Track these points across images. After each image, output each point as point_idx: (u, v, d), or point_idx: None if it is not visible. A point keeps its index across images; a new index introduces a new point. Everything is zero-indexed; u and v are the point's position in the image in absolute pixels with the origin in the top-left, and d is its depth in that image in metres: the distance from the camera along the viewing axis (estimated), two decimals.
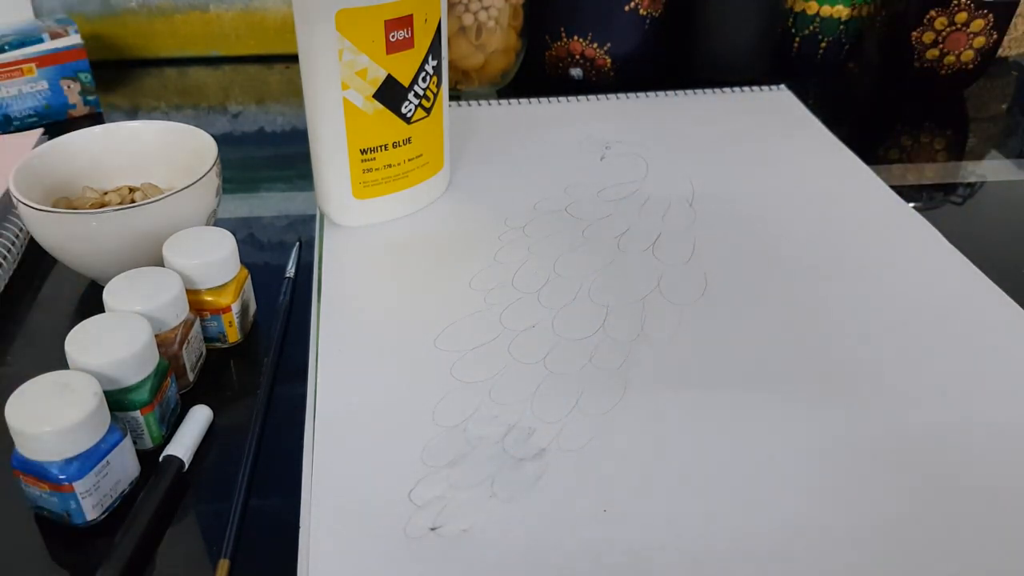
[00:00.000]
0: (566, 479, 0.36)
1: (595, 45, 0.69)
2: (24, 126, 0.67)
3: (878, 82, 0.76)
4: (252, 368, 0.44)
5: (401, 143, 0.51)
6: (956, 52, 0.69)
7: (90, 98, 0.69)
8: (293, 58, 0.49)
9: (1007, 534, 0.34)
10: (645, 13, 0.69)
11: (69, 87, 0.68)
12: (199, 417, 0.39)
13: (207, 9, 0.77)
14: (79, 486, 0.33)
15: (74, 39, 0.67)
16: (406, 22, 0.47)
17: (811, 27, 0.75)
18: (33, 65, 0.66)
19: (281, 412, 0.40)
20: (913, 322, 0.45)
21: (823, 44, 0.75)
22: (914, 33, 0.68)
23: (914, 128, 0.69)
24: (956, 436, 0.38)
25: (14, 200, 0.44)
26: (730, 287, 0.48)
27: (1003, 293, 0.47)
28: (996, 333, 0.44)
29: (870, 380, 0.41)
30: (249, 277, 0.45)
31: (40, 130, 0.63)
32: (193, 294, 0.42)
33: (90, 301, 0.48)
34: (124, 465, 0.35)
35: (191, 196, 0.45)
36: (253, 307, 0.46)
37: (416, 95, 0.50)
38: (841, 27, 0.74)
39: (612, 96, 0.70)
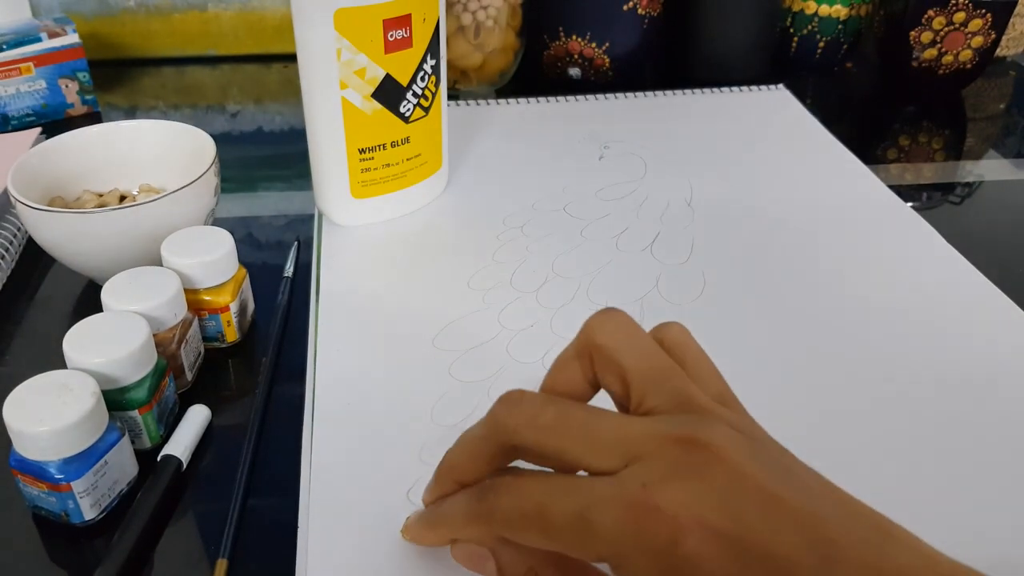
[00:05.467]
0: None
1: (593, 45, 0.69)
2: (22, 125, 0.67)
3: (876, 82, 0.76)
4: (250, 368, 0.43)
5: (399, 142, 0.51)
6: (954, 52, 0.69)
7: (88, 97, 0.69)
8: (291, 57, 0.49)
9: (1009, 527, 0.34)
10: (644, 13, 0.69)
11: (67, 86, 0.68)
12: (197, 417, 0.39)
13: (205, 8, 0.77)
14: (77, 486, 0.33)
15: (72, 38, 0.67)
16: (404, 21, 0.47)
17: (809, 26, 0.75)
18: (31, 64, 0.66)
19: (279, 412, 0.40)
20: (911, 321, 0.45)
21: (821, 43, 0.75)
22: (912, 32, 0.68)
23: (912, 128, 0.69)
24: (954, 434, 0.38)
25: (12, 199, 0.44)
26: (728, 287, 0.48)
27: (1001, 292, 0.47)
28: (994, 332, 0.44)
29: (869, 379, 0.41)
30: (247, 277, 0.45)
31: (38, 129, 0.63)
32: (191, 293, 0.42)
33: (88, 300, 0.48)
34: (122, 465, 0.35)
35: (189, 195, 0.45)
36: (251, 307, 0.46)
37: (414, 94, 0.50)
38: (839, 26, 0.74)
39: (610, 96, 0.70)
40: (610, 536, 0.23)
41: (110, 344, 0.36)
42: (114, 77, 0.76)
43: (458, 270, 0.49)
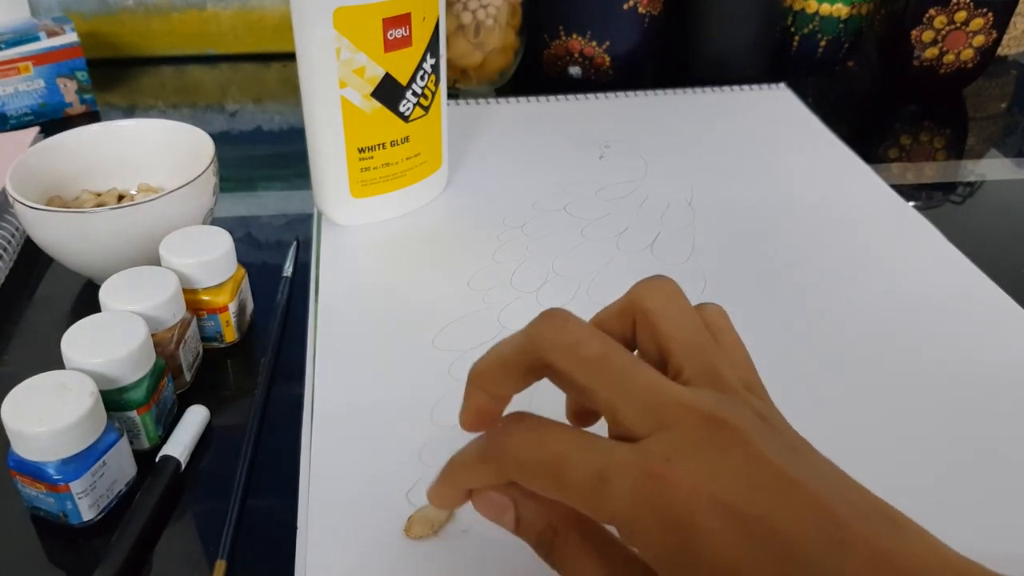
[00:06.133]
0: None
1: (594, 43, 0.69)
2: (20, 124, 0.67)
3: (877, 81, 0.76)
4: (249, 368, 0.43)
5: (399, 142, 0.51)
6: (955, 51, 0.69)
7: (87, 96, 0.69)
8: (291, 56, 0.49)
9: (1015, 526, 0.33)
10: (644, 11, 0.68)
11: (66, 85, 0.68)
12: (196, 417, 0.39)
13: (204, 7, 0.76)
14: (75, 486, 0.33)
15: (71, 37, 0.67)
16: (404, 20, 0.47)
17: (811, 25, 0.74)
18: (29, 63, 0.66)
19: (278, 412, 0.40)
20: (912, 321, 0.45)
21: (823, 42, 0.75)
22: (913, 32, 0.68)
23: (913, 127, 0.69)
24: (955, 433, 0.38)
25: (10, 199, 0.44)
26: (729, 286, 0.47)
27: (1002, 292, 0.47)
28: (995, 331, 0.44)
29: (869, 378, 0.41)
30: (246, 276, 0.45)
31: (36, 128, 0.63)
32: (190, 293, 0.42)
33: (86, 300, 0.47)
34: (121, 465, 0.35)
35: (188, 195, 0.45)
36: (250, 306, 0.46)
37: (414, 93, 0.50)
38: (841, 25, 0.74)
39: (611, 95, 0.70)
40: (625, 501, 0.23)
41: (108, 344, 0.36)
42: (113, 76, 0.76)
43: (458, 270, 0.49)
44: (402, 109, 0.50)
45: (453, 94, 0.70)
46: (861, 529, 0.22)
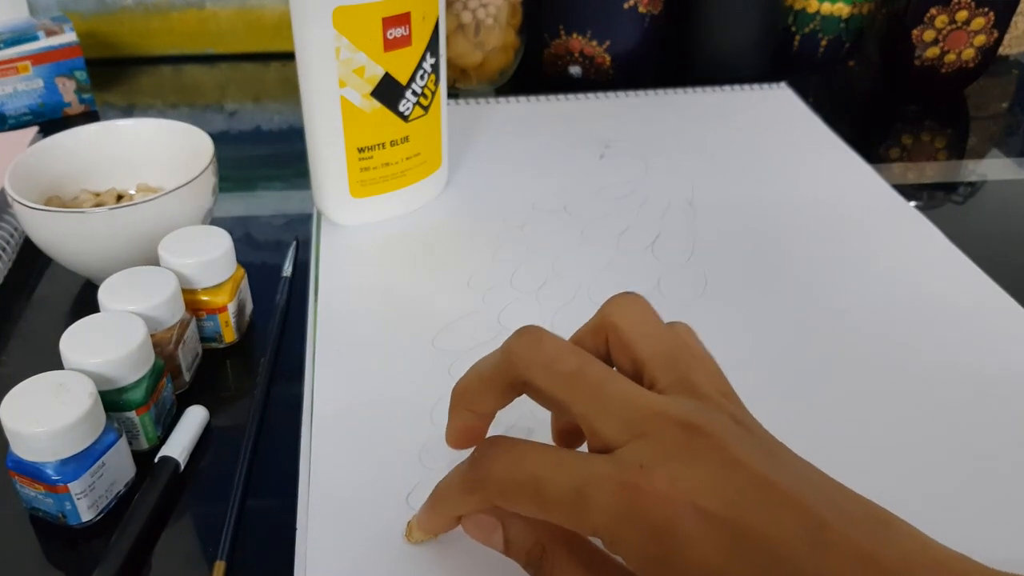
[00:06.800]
0: None
1: (594, 43, 0.69)
2: (19, 124, 0.67)
3: (879, 80, 0.76)
4: (248, 368, 0.43)
5: (399, 141, 0.50)
6: (957, 50, 0.68)
7: (85, 96, 0.69)
8: (290, 56, 0.49)
9: (1014, 527, 0.33)
10: (645, 11, 0.68)
11: (64, 85, 0.68)
12: (195, 418, 0.39)
13: (203, 7, 0.76)
14: (74, 487, 0.33)
15: (69, 37, 0.67)
16: (404, 20, 0.47)
17: (812, 25, 0.74)
18: (28, 63, 0.66)
19: (278, 413, 0.40)
20: (913, 321, 0.45)
21: (824, 42, 0.75)
22: (915, 31, 0.68)
23: (915, 127, 0.69)
24: (957, 434, 0.38)
25: (9, 199, 0.44)
26: (730, 286, 0.47)
27: (1004, 292, 0.47)
28: (997, 332, 0.44)
29: (870, 378, 0.41)
30: (246, 276, 0.45)
31: (35, 128, 0.62)
32: (189, 294, 0.42)
33: (85, 300, 0.47)
34: (119, 466, 0.35)
35: (187, 195, 0.45)
36: (250, 307, 0.46)
37: (414, 93, 0.49)
38: (842, 25, 0.74)
39: (611, 94, 0.69)
40: (605, 513, 0.23)
41: (107, 344, 0.35)
42: (112, 76, 0.76)
43: (458, 270, 0.48)
44: (402, 109, 0.49)
45: (453, 94, 0.70)
46: (844, 529, 0.22)
